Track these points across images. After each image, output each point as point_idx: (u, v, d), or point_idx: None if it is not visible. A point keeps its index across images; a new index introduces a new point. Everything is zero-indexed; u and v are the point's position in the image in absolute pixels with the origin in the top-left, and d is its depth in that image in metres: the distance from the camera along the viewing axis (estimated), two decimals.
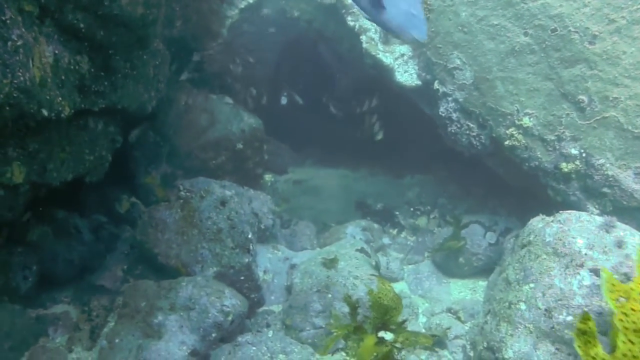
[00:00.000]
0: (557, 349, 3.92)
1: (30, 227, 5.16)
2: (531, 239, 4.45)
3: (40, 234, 5.19)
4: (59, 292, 5.36)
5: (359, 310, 4.44)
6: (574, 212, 4.45)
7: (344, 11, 6.42)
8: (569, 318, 3.90)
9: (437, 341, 4.72)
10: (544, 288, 4.09)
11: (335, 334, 3.42)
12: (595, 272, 3.96)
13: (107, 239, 5.79)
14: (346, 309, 4.92)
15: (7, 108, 3.14)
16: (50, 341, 4.94)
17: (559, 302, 3.98)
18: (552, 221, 4.41)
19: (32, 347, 4.79)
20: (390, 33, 5.28)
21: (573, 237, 4.17)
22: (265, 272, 5.70)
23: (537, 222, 4.60)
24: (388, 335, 3.48)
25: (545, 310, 4.01)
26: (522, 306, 4.14)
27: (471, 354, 4.74)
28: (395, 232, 7.02)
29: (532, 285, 4.18)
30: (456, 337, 4.99)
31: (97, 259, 5.57)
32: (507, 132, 5.31)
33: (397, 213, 7.13)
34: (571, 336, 3.82)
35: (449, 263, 6.15)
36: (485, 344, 4.38)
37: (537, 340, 4.00)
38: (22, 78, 3.12)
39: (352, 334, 3.43)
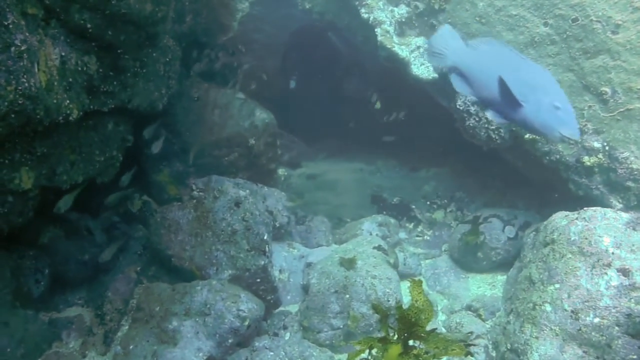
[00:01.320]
0: (584, 352, 3.79)
1: (42, 230, 5.08)
2: (555, 237, 4.32)
3: (52, 236, 5.12)
4: (72, 294, 5.30)
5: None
6: (599, 208, 4.31)
7: (357, 3, 6.26)
8: (597, 320, 3.77)
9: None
10: (570, 289, 3.96)
11: (359, 348, 3.29)
12: (624, 272, 3.82)
13: (120, 239, 5.71)
14: (364, 310, 4.84)
15: (13, 115, 3.06)
16: (64, 346, 4.88)
17: (586, 303, 3.86)
18: (577, 219, 4.26)
19: (46, 353, 4.73)
20: (533, 133, 4.81)
21: (599, 236, 4.03)
22: (280, 271, 5.60)
23: (560, 219, 4.46)
24: (417, 344, 3.34)
25: (572, 311, 3.89)
26: (548, 307, 4.02)
27: (493, 354, 4.62)
28: (411, 226, 6.89)
29: (557, 285, 4.05)
30: (477, 336, 4.88)
31: (110, 260, 5.49)
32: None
33: (414, 207, 7.00)
34: (599, 339, 3.70)
35: (467, 258, 6.03)
36: (508, 346, 4.26)
37: (564, 343, 3.87)
38: (26, 84, 3.04)
39: (377, 342, 3.30)
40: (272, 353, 4.49)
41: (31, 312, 4.80)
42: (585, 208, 4.36)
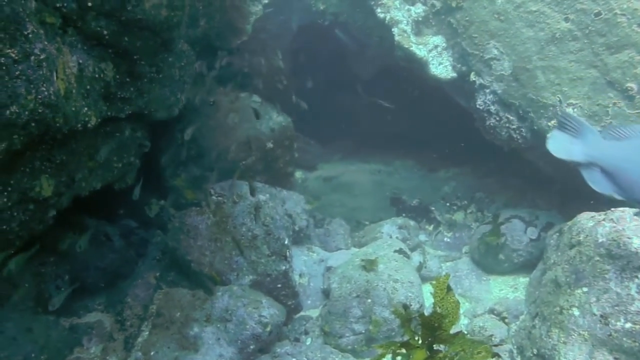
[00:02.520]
0: (615, 358, 3.69)
1: (61, 236, 5.08)
2: (581, 238, 4.22)
3: (72, 242, 5.10)
4: (92, 300, 5.29)
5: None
6: (627, 209, 4.19)
7: (372, 2, 6.19)
8: (628, 325, 3.67)
9: None
10: (599, 292, 3.86)
11: (381, 352, 3.23)
12: None
13: (138, 244, 5.70)
14: (386, 314, 4.78)
15: (33, 124, 3.04)
16: (85, 351, 4.86)
17: (616, 307, 3.76)
18: (604, 220, 4.15)
19: (67, 359, 4.72)
20: None
21: (629, 238, 3.90)
22: (301, 275, 5.57)
23: (586, 220, 4.36)
24: (441, 348, 3.28)
25: (601, 316, 3.79)
26: (576, 312, 3.93)
27: (518, 358, 4.54)
28: (431, 228, 6.81)
29: (585, 289, 3.95)
30: (502, 340, 4.80)
31: (128, 266, 5.49)
32: (549, 124, 5.08)
33: (433, 208, 6.92)
34: (631, 344, 3.61)
35: (488, 259, 5.94)
36: (535, 351, 4.18)
37: (593, 348, 3.78)
38: (46, 92, 3.01)
39: (400, 348, 3.24)
40: (294, 359, 4.44)
41: (52, 317, 4.82)
42: (612, 209, 4.26)
